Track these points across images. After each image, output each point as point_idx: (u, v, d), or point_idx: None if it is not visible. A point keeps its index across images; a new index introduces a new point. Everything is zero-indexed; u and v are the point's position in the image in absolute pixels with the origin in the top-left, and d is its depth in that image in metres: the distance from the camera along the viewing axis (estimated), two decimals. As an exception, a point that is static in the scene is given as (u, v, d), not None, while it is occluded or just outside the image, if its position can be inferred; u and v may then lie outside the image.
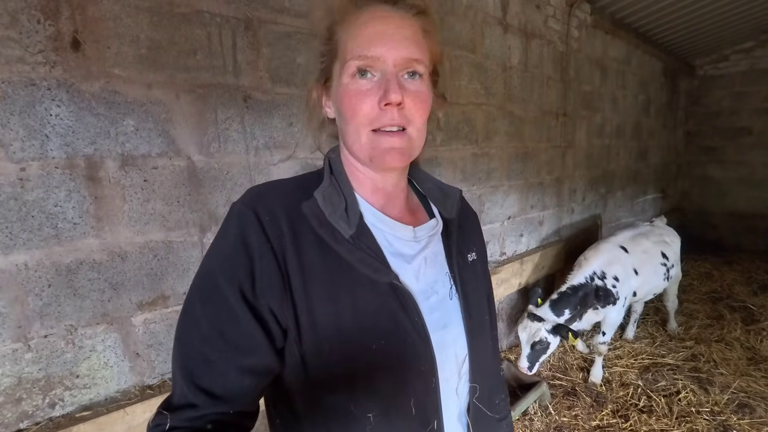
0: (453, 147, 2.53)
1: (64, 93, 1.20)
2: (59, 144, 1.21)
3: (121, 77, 1.28)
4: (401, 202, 0.72)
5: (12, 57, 1.12)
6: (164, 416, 0.55)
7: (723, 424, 2.42)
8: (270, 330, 0.58)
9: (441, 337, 0.65)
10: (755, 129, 5.86)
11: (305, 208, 0.61)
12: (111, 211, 1.31)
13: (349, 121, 0.61)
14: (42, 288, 1.23)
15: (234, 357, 0.56)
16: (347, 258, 0.60)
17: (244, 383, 0.57)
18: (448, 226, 0.73)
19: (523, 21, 2.95)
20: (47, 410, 1.28)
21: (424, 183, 0.78)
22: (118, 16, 1.26)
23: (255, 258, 0.57)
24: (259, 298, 0.57)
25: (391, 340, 0.61)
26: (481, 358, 0.73)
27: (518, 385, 2.74)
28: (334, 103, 0.65)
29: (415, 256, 0.67)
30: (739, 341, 3.34)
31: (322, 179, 0.66)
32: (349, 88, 0.59)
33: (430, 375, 0.63)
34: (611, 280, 2.84)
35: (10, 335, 1.19)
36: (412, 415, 0.63)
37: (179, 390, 0.57)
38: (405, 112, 0.60)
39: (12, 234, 1.17)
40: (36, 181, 1.19)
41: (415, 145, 0.63)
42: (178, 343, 0.59)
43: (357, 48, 0.58)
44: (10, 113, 1.13)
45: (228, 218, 0.61)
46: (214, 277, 0.58)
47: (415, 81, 0.61)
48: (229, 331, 0.56)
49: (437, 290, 0.69)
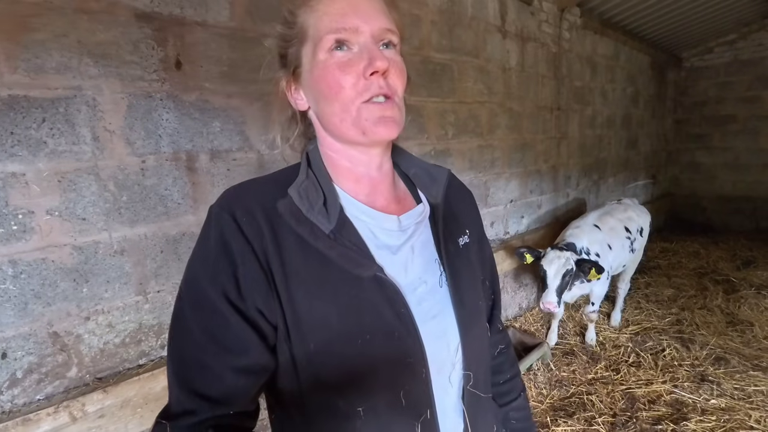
0: (462, 140, 2.91)
1: (171, 102, 1.56)
2: (168, 142, 1.57)
3: (210, 89, 1.65)
4: (387, 189, 0.69)
5: (135, 76, 1.48)
6: (163, 426, 0.55)
7: (701, 374, 2.78)
8: (261, 328, 0.57)
9: (431, 327, 0.64)
10: (739, 116, 6.22)
11: (281, 206, 0.60)
12: (203, 193, 1.68)
13: (334, 99, 0.59)
14: (156, 253, 1.60)
15: (228, 359, 0.56)
16: (328, 254, 0.59)
17: (240, 384, 0.57)
18: (435, 211, 0.71)
19: (520, 27, 3.32)
20: (159, 350, 1.65)
21: (410, 168, 0.75)
22: (206, 42, 1.63)
23: (237, 261, 0.56)
24: (246, 300, 0.56)
25: (376, 335, 0.59)
26: (475, 346, 0.71)
27: (523, 348, 3.11)
28: (308, 88, 0.63)
29: (401, 246, 0.66)
30: (720, 308, 3.69)
31: (298, 174, 0.64)
32: (329, 63, 0.58)
33: (419, 367, 0.62)
34: (594, 256, 3.01)
35: (134, 290, 1.56)
36: (402, 407, 0.62)
37: (176, 398, 0.57)
38: (389, 81, 0.59)
39: (136, 211, 1.53)
40: (152, 170, 1.55)
41: (403, 114, 0.62)
42: (171, 350, 0.59)
43: (331, 22, 0.57)
44: (134, 118, 1.49)
45: (207, 222, 0.60)
46: (199, 282, 0.57)
47: (390, 51, 0.60)
48: (220, 334, 0.56)
49: (426, 280, 0.66)
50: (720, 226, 6.44)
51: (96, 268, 1.46)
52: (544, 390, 2.72)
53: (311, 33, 0.59)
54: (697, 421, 2.30)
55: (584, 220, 3.31)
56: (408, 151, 0.77)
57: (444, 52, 2.71)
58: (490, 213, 3.27)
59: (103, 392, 1.43)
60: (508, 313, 3.50)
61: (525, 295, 3.69)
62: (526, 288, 3.69)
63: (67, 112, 1.35)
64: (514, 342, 3.18)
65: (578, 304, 3.74)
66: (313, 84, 0.61)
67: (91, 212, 1.43)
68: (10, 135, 1.26)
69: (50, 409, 1.34)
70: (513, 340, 3.19)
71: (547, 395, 2.66)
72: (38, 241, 1.34)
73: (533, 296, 3.81)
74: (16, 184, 1.29)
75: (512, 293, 3.51)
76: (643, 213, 3.67)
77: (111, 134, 1.44)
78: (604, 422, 2.36)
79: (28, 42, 1.27)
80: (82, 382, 1.46)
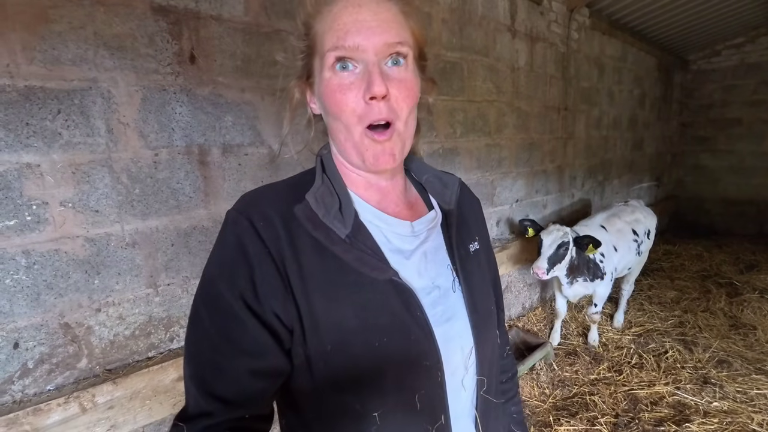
0: (470, 138, 2.91)
1: (185, 96, 1.56)
2: (181, 135, 1.57)
3: (223, 83, 1.65)
4: (397, 197, 0.70)
5: (150, 69, 1.48)
6: (180, 428, 0.56)
7: (704, 376, 2.79)
8: (277, 332, 0.58)
9: (445, 330, 0.64)
10: (745, 120, 6.21)
11: (297, 211, 0.60)
12: (215, 188, 1.68)
13: (336, 118, 0.60)
14: (167, 246, 1.60)
15: (245, 362, 0.56)
16: (344, 258, 0.60)
17: (256, 387, 0.57)
18: (448, 218, 0.72)
19: (529, 27, 3.31)
20: (167, 343, 1.66)
21: (422, 174, 0.75)
22: (221, 36, 1.63)
23: (254, 265, 0.57)
24: (263, 304, 0.57)
25: (393, 337, 0.60)
26: (488, 350, 0.71)
27: (526, 347, 3.12)
28: (318, 99, 0.63)
29: (414, 251, 0.66)
30: (723, 311, 3.70)
31: (314, 179, 0.65)
32: (331, 82, 0.58)
33: (435, 370, 0.62)
34: (599, 256, 3.02)
35: (144, 282, 1.57)
36: (417, 411, 0.62)
37: (193, 400, 0.57)
38: (392, 104, 0.58)
39: (148, 204, 1.53)
40: (165, 163, 1.55)
41: (405, 137, 0.62)
42: (188, 353, 0.60)
43: (334, 39, 0.56)
44: (148, 111, 1.49)
45: (224, 226, 0.61)
46: (217, 286, 0.58)
47: (399, 68, 0.59)
48: (237, 337, 0.56)
49: (439, 284, 0.67)
50: (724, 230, 6.43)
51: (108, 260, 1.46)
52: (546, 390, 2.73)
53: (318, 47, 0.60)
54: (699, 423, 2.31)
55: (591, 221, 3.31)
56: (420, 158, 0.78)
57: (454, 51, 2.70)
58: (495, 212, 3.27)
59: (113, 384, 1.44)
60: (511, 312, 3.50)
61: (528, 294, 3.69)
62: (530, 288, 3.69)
63: (82, 103, 1.35)
64: (517, 341, 3.19)
65: (581, 305, 3.75)
66: (321, 97, 0.62)
67: (104, 204, 1.43)
68: (25, 126, 1.27)
69: (60, 399, 1.34)
70: (516, 340, 3.21)
71: (550, 395, 2.67)
72: (51, 233, 1.34)
73: (537, 296, 3.82)
74: (31, 175, 1.29)
75: (516, 293, 3.51)
76: (650, 215, 3.66)
77: (125, 127, 1.44)
78: (606, 423, 2.37)
79: (46, 33, 1.27)
80: (92, 374, 1.47)
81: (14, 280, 1.30)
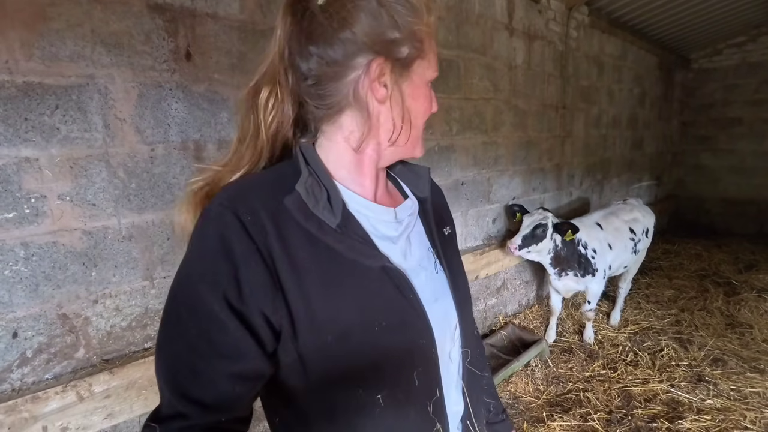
0: (466, 136, 2.92)
1: (181, 93, 1.59)
2: (177, 131, 1.60)
3: (219, 80, 1.67)
4: (383, 186, 0.74)
5: (146, 66, 1.51)
6: (153, 428, 0.54)
7: (698, 374, 2.80)
8: (259, 334, 0.56)
9: (435, 310, 0.68)
10: (746, 119, 6.20)
11: (288, 202, 0.60)
12: (210, 183, 1.71)
13: (421, 117, 0.68)
14: (163, 240, 1.63)
15: (223, 365, 0.55)
16: (336, 247, 0.60)
17: (234, 390, 0.56)
18: (423, 204, 0.77)
19: (527, 25, 3.33)
20: (164, 334, 1.69)
21: (393, 166, 0.78)
22: (217, 34, 1.65)
23: (239, 263, 0.55)
24: (247, 304, 0.55)
25: (391, 321, 0.62)
26: (469, 324, 0.79)
27: (521, 344, 3.14)
28: (400, 93, 0.63)
29: (399, 236, 0.69)
30: (720, 310, 3.70)
31: (297, 171, 0.63)
32: (429, 92, 0.68)
33: (429, 347, 0.66)
34: (591, 251, 3.06)
35: (141, 275, 1.60)
36: (416, 387, 0.65)
37: (167, 401, 0.56)
38: None
39: (144, 198, 1.56)
40: (161, 159, 1.58)
41: None
42: (162, 354, 0.58)
43: (434, 64, 0.66)
44: (144, 107, 1.52)
45: (204, 222, 0.58)
46: (195, 285, 0.55)
47: None
48: (216, 339, 0.55)
49: (425, 266, 0.71)
50: (723, 229, 6.43)
51: (105, 253, 1.49)
52: (541, 386, 2.75)
53: (426, 57, 0.64)
54: (692, 420, 2.33)
55: (588, 217, 3.33)
56: None
57: (451, 49, 2.72)
58: (492, 209, 3.29)
59: (110, 373, 1.48)
60: (508, 309, 3.52)
61: (525, 292, 3.72)
62: (527, 285, 3.72)
63: (79, 99, 1.38)
64: (513, 338, 3.21)
65: (577, 302, 3.76)
66: (409, 94, 0.64)
67: (101, 198, 1.46)
68: (24, 121, 1.30)
69: (58, 387, 1.38)
70: (512, 337, 3.23)
71: (544, 391, 2.69)
72: (50, 225, 1.37)
73: (533, 293, 3.84)
74: (30, 169, 1.32)
75: (512, 290, 3.53)
76: (648, 214, 3.67)
77: (122, 122, 1.47)
78: (599, 419, 2.39)
79: (44, 30, 1.30)
80: (89, 363, 1.50)
81: (13, 271, 1.33)
